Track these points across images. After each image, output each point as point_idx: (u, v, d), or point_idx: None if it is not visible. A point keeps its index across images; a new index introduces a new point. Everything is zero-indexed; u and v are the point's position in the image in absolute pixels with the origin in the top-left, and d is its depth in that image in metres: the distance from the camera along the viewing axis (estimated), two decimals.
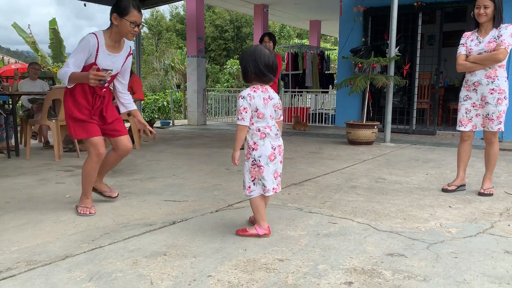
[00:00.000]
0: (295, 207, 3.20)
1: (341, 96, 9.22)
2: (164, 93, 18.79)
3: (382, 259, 2.22)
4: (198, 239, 2.51)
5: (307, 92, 11.32)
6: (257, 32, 11.37)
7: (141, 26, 2.96)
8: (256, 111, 2.46)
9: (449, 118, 9.40)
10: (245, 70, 2.50)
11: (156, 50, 25.91)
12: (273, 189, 2.53)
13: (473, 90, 3.60)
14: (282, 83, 11.24)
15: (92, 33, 2.86)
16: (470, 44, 3.59)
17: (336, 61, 11.01)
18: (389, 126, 7.04)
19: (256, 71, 2.47)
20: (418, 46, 8.28)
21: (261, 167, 2.47)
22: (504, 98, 3.50)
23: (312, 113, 10.56)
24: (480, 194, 3.62)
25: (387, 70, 7.16)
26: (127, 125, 7.02)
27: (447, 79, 10.07)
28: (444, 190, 3.73)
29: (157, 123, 10.99)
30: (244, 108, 2.45)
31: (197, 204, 3.27)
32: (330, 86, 11.96)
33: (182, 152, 6.03)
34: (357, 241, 2.50)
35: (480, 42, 3.53)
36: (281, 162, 2.57)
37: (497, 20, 3.46)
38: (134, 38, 3.80)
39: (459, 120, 3.70)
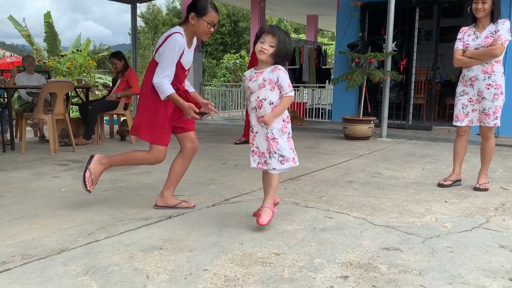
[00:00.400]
0: (292, 202, 3.20)
1: (338, 91, 9.21)
2: None
3: (378, 253, 2.22)
4: (195, 233, 2.51)
5: (304, 87, 11.30)
6: (254, 27, 11.33)
7: (216, 26, 2.87)
8: None
9: (445, 114, 9.41)
10: (289, 53, 2.60)
11: (152, 44, 25.79)
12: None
13: (470, 85, 3.60)
14: None
15: (179, 33, 2.75)
16: (467, 39, 3.58)
17: (333, 56, 11.00)
18: (385, 121, 7.04)
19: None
20: (415, 41, 8.28)
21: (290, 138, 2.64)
22: (501, 93, 3.50)
23: (309, 108, 10.55)
24: (475, 189, 3.63)
25: (384, 65, 7.15)
26: (123, 119, 7.03)
27: (443, 75, 10.07)
28: (440, 185, 3.75)
29: None
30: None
31: (194, 198, 3.27)
32: (327, 81, 11.94)
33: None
34: (353, 235, 2.50)
35: (477, 37, 3.52)
36: None
37: (496, 15, 3.45)
38: (130, 32, 3.74)
39: (456, 115, 3.70)
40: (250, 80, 2.59)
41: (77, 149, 5.51)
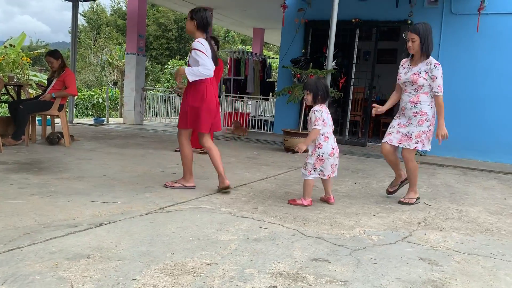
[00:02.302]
0: (228, 212, 3.22)
1: (280, 104, 9.40)
2: (100, 89, 18.10)
3: (307, 264, 2.29)
4: (125, 242, 2.44)
5: (248, 98, 11.43)
6: None
7: None
8: (323, 121, 3.58)
9: (379, 131, 9.90)
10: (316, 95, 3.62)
11: (94, 45, 24.91)
12: (328, 175, 3.60)
13: (402, 114, 3.86)
14: (224, 87, 11.25)
15: None
16: (401, 71, 3.88)
17: (277, 69, 11.23)
18: None
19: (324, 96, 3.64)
20: (354, 61, 8.67)
21: (323, 160, 3.59)
22: (426, 120, 3.74)
23: (252, 119, 10.67)
24: (400, 202, 3.87)
25: None
26: (57, 120, 6.71)
27: (379, 94, 10.60)
28: (388, 193, 4.12)
29: (91, 121, 10.55)
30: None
31: (127, 206, 3.19)
32: (271, 93, 12.16)
33: (115, 151, 5.83)
34: (285, 246, 2.56)
35: (408, 72, 3.79)
36: (337, 157, 3.63)
37: (424, 51, 3.69)
38: (70, 30, 3.72)
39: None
40: None
41: (4, 150, 5.17)
